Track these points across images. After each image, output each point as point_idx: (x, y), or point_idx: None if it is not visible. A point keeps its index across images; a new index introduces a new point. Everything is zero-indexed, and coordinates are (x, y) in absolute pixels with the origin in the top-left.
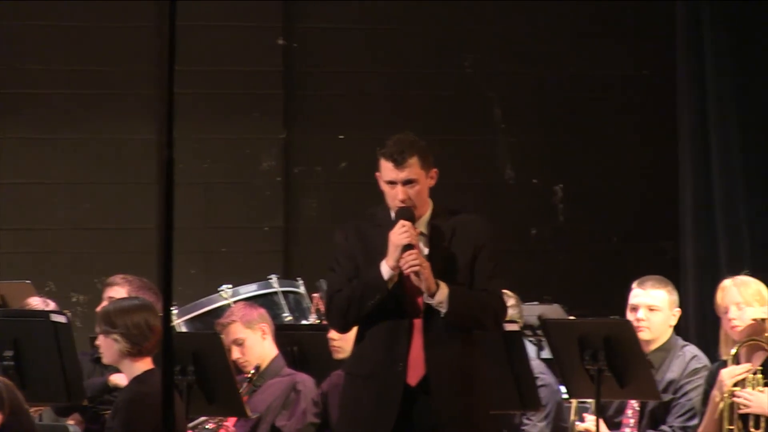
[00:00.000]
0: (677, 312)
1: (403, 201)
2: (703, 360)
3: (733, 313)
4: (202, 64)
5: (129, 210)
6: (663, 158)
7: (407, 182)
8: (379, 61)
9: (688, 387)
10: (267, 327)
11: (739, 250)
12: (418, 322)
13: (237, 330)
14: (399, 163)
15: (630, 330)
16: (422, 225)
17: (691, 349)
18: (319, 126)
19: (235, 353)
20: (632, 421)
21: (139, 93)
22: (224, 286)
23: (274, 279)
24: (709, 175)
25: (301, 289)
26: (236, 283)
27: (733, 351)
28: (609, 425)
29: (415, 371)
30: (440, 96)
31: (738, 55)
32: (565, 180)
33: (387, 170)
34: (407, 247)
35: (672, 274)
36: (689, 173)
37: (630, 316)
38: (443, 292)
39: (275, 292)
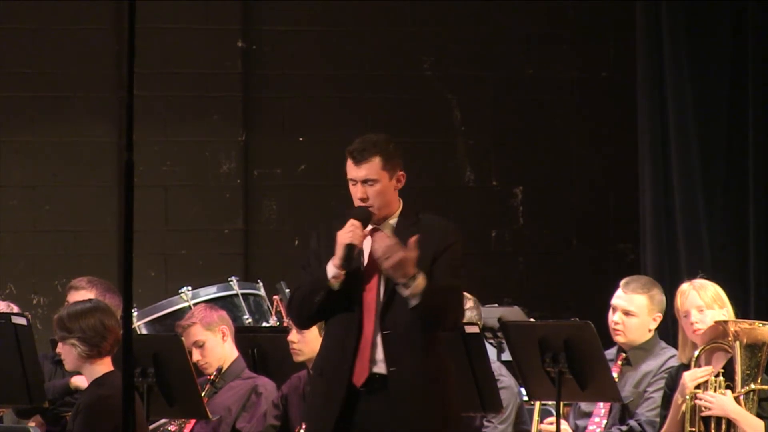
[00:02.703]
0: (658, 317)
1: (362, 200)
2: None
3: (694, 316)
4: (160, 67)
5: (88, 212)
6: (622, 160)
7: (366, 181)
8: (339, 64)
9: (661, 383)
10: (227, 329)
11: (698, 253)
12: (369, 321)
13: (197, 332)
14: (358, 162)
15: (590, 332)
16: (387, 226)
17: (671, 351)
18: (279, 128)
19: (196, 355)
20: (603, 410)
21: (98, 95)
22: (184, 288)
23: (233, 281)
24: (668, 177)
25: (261, 292)
26: (196, 286)
27: (696, 353)
28: (580, 415)
29: (361, 371)
30: (399, 98)
31: (698, 57)
32: (525, 182)
33: (349, 168)
34: (349, 246)
35: None
36: (649, 175)
37: (610, 314)
38: (420, 283)
39: (235, 295)
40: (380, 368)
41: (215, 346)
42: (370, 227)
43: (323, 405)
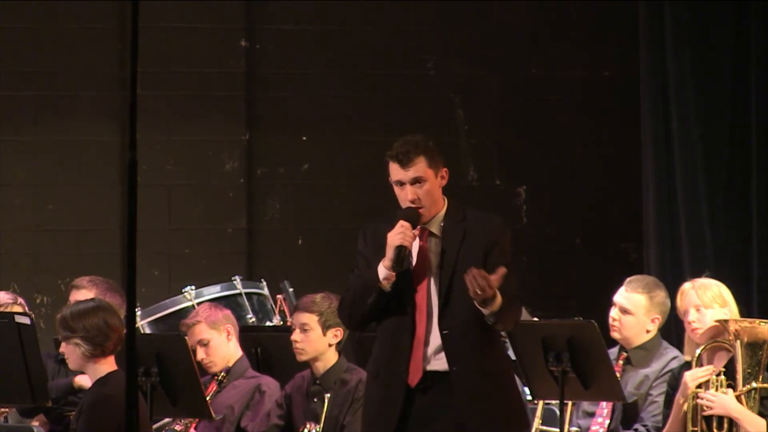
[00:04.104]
0: (657, 319)
1: (412, 201)
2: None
3: (692, 315)
4: (163, 66)
5: (91, 211)
6: (625, 159)
7: (414, 182)
8: (342, 63)
9: (664, 386)
10: (232, 328)
11: (701, 252)
12: (421, 322)
13: (202, 330)
14: (404, 164)
15: (593, 331)
16: (435, 225)
17: (674, 352)
18: (282, 128)
19: (200, 354)
20: (606, 410)
21: (101, 94)
22: (187, 288)
23: (237, 280)
24: (671, 176)
25: (265, 291)
26: (199, 285)
27: (697, 353)
28: (583, 415)
29: (415, 372)
30: (402, 97)
31: (700, 56)
32: (528, 181)
33: (394, 171)
34: (399, 248)
35: None
36: (652, 174)
37: (611, 310)
38: (498, 301)
39: (238, 294)
40: (433, 366)
41: (220, 345)
42: (418, 228)
43: (382, 408)
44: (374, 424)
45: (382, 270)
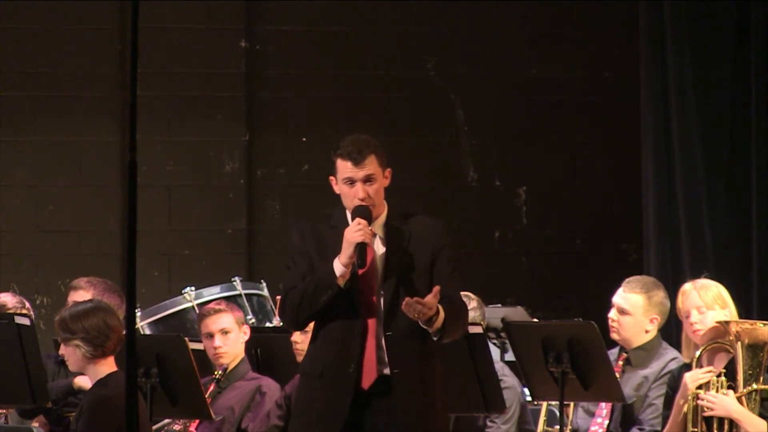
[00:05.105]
0: (655, 319)
1: (362, 199)
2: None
3: (694, 317)
4: (164, 67)
5: (91, 212)
6: (625, 160)
7: (366, 180)
8: (342, 64)
9: (663, 388)
10: (248, 330)
11: (701, 253)
12: (372, 323)
13: (228, 320)
14: (358, 162)
15: (593, 332)
16: (378, 226)
17: (673, 353)
18: (282, 128)
19: (218, 341)
20: (605, 411)
21: (101, 95)
22: (187, 289)
23: (237, 281)
24: (671, 176)
25: (265, 292)
26: (199, 286)
27: (697, 354)
28: (583, 414)
29: (369, 374)
30: (403, 98)
31: (701, 57)
32: (528, 182)
33: (345, 169)
34: (361, 245)
35: None
36: (652, 175)
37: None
38: (441, 318)
39: (238, 295)
40: (388, 371)
41: (237, 341)
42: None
43: (327, 408)
44: (314, 426)
45: (339, 267)
